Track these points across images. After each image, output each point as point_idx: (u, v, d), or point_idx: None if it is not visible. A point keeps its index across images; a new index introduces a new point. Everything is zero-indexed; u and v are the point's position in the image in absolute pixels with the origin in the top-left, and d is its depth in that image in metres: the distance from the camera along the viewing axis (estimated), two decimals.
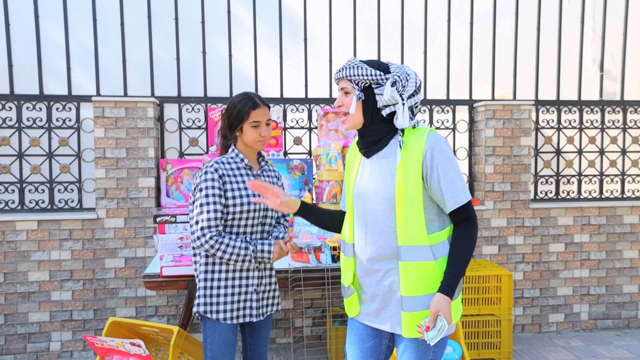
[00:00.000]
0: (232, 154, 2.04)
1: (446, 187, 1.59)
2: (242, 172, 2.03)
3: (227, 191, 1.97)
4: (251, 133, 1.99)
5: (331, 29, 3.87)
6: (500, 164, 3.85)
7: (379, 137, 1.67)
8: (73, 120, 3.60)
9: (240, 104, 1.99)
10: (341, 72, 1.68)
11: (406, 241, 1.59)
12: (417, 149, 1.61)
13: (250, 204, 1.99)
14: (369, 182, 1.68)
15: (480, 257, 3.87)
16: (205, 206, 1.93)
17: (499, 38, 4.07)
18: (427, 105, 3.97)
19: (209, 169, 1.98)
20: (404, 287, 1.60)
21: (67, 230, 3.44)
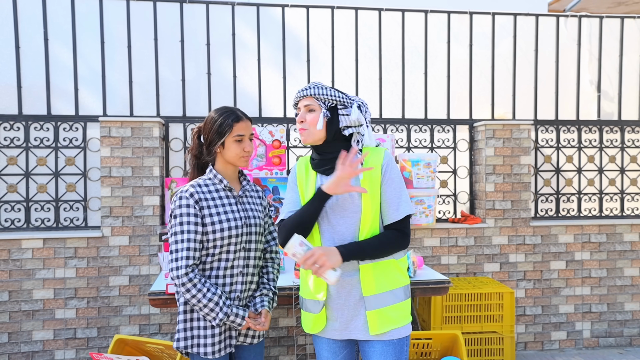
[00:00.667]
0: (210, 174, 1.90)
1: (398, 198, 1.77)
2: (221, 194, 1.88)
3: (205, 217, 1.82)
4: (234, 148, 1.86)
5: (333, 50, 4.00)
6: (500, 182, 3.93)
7: (337, 155, 1.81)
8: (80, 139, 3.70)
9: (221, 117, 1.86)
10: (309, 90, 1.79)
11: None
12: (376, 163, 1.80)
13: (232, 230, 1.84)
14: (332, 200, 1.77)
15: (482, 274, 3.93)
16: (180, 235, 1.78)
17: (497, 59, 4.20)
18: (428, 125, 4.08)
19: (184, 193, 1.83)
20: (365, 287, 1.75)
21: (72, 249, 3.51)
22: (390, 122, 4.05)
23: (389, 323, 1.76)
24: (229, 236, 1.84)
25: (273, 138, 3.74)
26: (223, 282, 1.85)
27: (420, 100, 4.12)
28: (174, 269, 1.77)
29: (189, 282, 1.76)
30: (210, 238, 1.81)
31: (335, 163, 1.80)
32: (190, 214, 1.79)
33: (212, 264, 1.84)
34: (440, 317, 3.43)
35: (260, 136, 3.71)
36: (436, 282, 2.88)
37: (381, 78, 4.07)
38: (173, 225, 1.81)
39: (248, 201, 1.96)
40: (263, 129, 3.72)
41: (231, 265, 1.87)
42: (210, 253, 1.83)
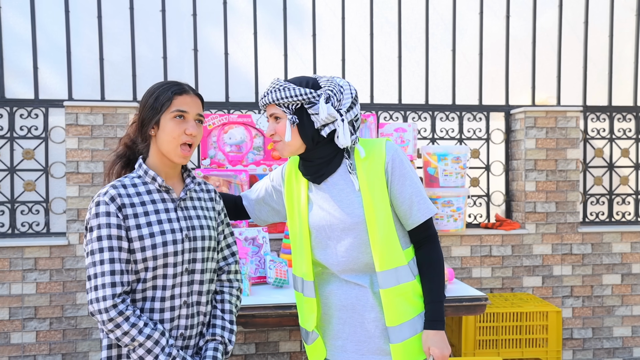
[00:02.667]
0: (140, 170, 1.66)
1: (414, 199, 1.73)
2: (154, 197, 1.64)
3: (131, 229, 1.57)
4: (171, 128, 1.61)
5: (344, 22, 3.93)
6: (543, 180, 3.88)
7: (328, 159, 1.76)
8: (40, 128, 3.62)
9: (159, 89, 1.65)
10: (266, 97, 1.73)
11: (385, 265, 1.71)
12: (377, 162, 1.73)
13: (168, 246, 1.59)
14: (329, 211, 1.75)
15: (520, 290, 3.88)
16: (99, 254, 1.53)
17: (540, 34, 4.14)
18: (456, 112, 4.02)
19: (102, 197, 1.57)
20: (390, 317, 1.71)
21: (32, 259, 3.43)
22: (411, 108, 3.98)
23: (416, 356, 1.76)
24: (165, 255, 1.59)
25: None
26: (161, 318, 1.61)
27: (448, 83, 4.06)
28: (95, 302, 1.51)
29: (119, 316, 1.51)
30: (138, 258, 1.57)
31: (326, 170, 1.75)
32: (111, 225, 1.54)
33: (144, 292, 1.60)
34: (473, 341, 3.38)
35: (257, 125, 3.63)
36: (471, 299, 2.82)
37: (401, 56, 4.00)
38: (89, 241, 1.55)
39: (194, 205, 1.72)
40: (260, 117, 3.64)
41: (171, 295, 1.62)
42: (141, 278, 1.59)
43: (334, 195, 1.76)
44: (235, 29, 3.87)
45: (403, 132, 3.62)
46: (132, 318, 1.53)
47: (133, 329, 1.52)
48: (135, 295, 1.60)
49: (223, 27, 3.83)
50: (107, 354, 1.63)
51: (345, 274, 1.77)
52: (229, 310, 1.78)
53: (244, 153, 3.62)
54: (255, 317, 2.54)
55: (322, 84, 1.74)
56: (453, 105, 4.03)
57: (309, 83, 1.74)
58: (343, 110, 1.72)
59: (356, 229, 1.73)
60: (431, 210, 1.75)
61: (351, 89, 1.75)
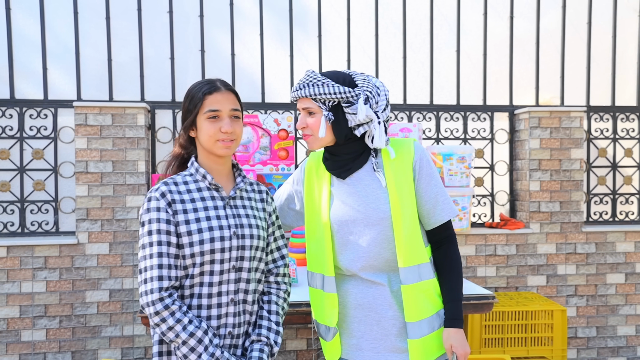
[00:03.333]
0: (191, 168, 1.71)
1: (439, 198, 1.77)
2: (204, 194, 1.68)
3: (180, 225, 1.61)
4: (207, 128, 1.64)
5: (349, 23, 3.96)
6: (547, 180, 3.91)
7: (356, 155, 1.78)
8: (49, 129, 3.66)
9: (192, 91, 1.68)
10: (302, 90, 1.72)
11: (409, 262, 1.73)
12: (406, 159, 1.76)
13: (215, 242, 1.62)
14: (354, 206, 1.76)
15: (525, 289, 3.90)
16: (149, 248, 1.58)
17: (543, 34, 4.16)
18: (460, 112, 4.05)
19: (154, 193, 1.63)
20: (410, 312, 1.73)
21: (42, 258, 3.47)
22: (416, 108, 4.01)
23: (433, 353, 1.78)
24: (212, 251, 1.61)
25: (279, 127, 3.70)
26: (208, 315, 1.63)
27: (452, 83, 4.09)
28: (144, 294, 1.55)
29: (165, 310, 1.54)
30: (186, 253, 1.60)
31: (352, 165, 1.78)
32: (161, 220, 1.59)
33: (192, 289, 1.62)
34: (479, 340, 3.40)
35: (264, 125, 3.67)
36: (478, 298, 2.83)
37: (405, 57, 4.03)
38: (141, 235, 1.62)
39: (243, 204, 1.74)
40: (267, 117, 3.68)
41: (218, 292, 1.64)
42: (189, 274, 1.61)
43: (359, 191, 1.77)
44: (242, 30, 3.91)
45: (408, 132, 3.64)
46: (177, 313, 1.55)
47: (178, 324, 1.54)
48: (184, 292, 1.62)
49: (230, 28, 3.86)
50: (158, 348, 1.65)
51: (364, 272, 1.77)
52: (275, 311, 1.77)
53: (250, 153, 3.66)
54: None
55: (359, 82, 1.74)
56: (457, 106, 4.06)
57: (345, 80, 1.74)
58: (380, 112, 1.74)
59: (380, 225, 1.73)
60: (454, 211, 1.79)
61: (385, 90, 1.77)
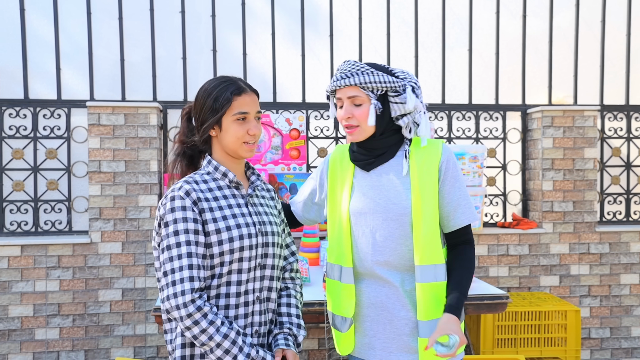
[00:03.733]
0: (209, 167, 1.66)
1: (461, 202, 1.75)
2: (225, 192, 1.65)
3: (207, 223, 1.57)
4: (235, 129, 1.61)
5: (361, 23, 3.96)
6: (560, 179, 3.88)
7: (389, 148, 1.77)
8: (62, 128, 3.68)
9: (218, 89, 1.61)
10: (350, 78, 1.70)
11: (426, 260, 1.71)
12: (432, 159, 1.74)
13: (244, 239, 1.60)
14: (374, 198, 1.75)
15: (537, 289, 3.88)
16: (176, 249, 1.52)
17: (556, 33, 4.14)
18: (472, 112, 4.03)
19: (177, 192, 1.57)
20: (422, 311, 1.71)
21: (55, 257, 3.49)
22: (428, 108, 3.98)
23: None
24: (241, 248, 1.59)
25: (290, 127, 3.71)
26: (235, 314, 1.60)
27: (464, 83, 4.07)
28: (173, 297, 1.48)
29: (197, 312, 1.48)
30: (215, 252, 1.56)
31: (379, 158, 1.76)
32: (188, 219, 1.54)
33: (218, 289, 1.58)
34: (492, 340, 3.38)
35: (275, 125, 3.67)
36: (492, 297, 2.83)
37: (417, 56, 4.02)
38: (165, 236, 1.55)
39: (260, 202, 1.74)
40: (279, 117, 3.68)
41: (245, 290, 1.61)
42: (217, 274, 1.57)
43: (382, 184, 1.76)
44: (254, 30, 3.91)
45: None
46: (210, 315, 1.49)
47: (211, 326, 1.49)
48: (210, 292, 1.58)
49: (241, 28, 3.87)
50: (181, 352, 1.59)
51: (377, 267, 1.75)
52: (295, 305, 1.78)
53: (262, 152, 3.66)
54: None
55: (398, 74, 1.74)
56: (469, 105, 4.04)
57: (385, 70, 1.74)
58: (423, 103, 1.78)
59: (399, 220, 1.72)
60: (474, 217, 1.77)
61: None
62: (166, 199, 1.58)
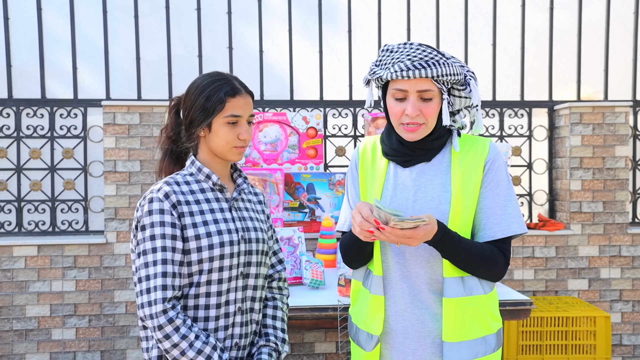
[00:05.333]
0: (192, 168, 1.57)
1: (497, 210, 1.54)
2: (208, 195, 1.56)
3: (187, 228, 1.48)
4: (225, 133, 1.52)
5: (380, 17, 3.86)
6: (589, 179, 3.72)
7: (437, 147, 1.58)
8: (79, 128, 3.67)
9: (210, 88, 1.52)
10: (428, 69, 1.46)
11: (453, 271, 1.53)
12: (478, 158, 1.56)
13: (225, 247, 1.50)
14: (409, 199, 1.56)
15: (565, 293, 3.73)
16: (151, 255, 1.44)
17: (586, 26, 3.97)
18: (496, 108, 3.89)
19: (156, 194, 1.48)
20: (448, 331, 1.52)
21: (71, 257, 3.48)
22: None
23: None
24: (221, 256, 1.49)
25: (307, 125, 3.63)
26: (215, 326, 1.51)
27: (487, 78, 3.93)
28: (145, 306, 1.41)
29: (169, 325, 1.40)
30: (193, 259, 1.47)
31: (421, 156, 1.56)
32: (165, 223, 1.45)
33: (196, 299, 1.49)
34: (516, 346, 3.27)
35: (292, 123, 3.60)
36: (514, 303, 2.71)
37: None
38: (141, 240, 1.47)
39: (246, 207, 1.63)
40: (296, 115, 3.61)
41: (225, 301, 1.52)
42: (194, 282, 1.48)
43: (420, 184, 1.56)
44: (270, 27, 3.84)
45: None
46: (182, 328, 1.42)
47: (183, 341, 1.41)
48: (188, 302, 1.49)
49: (258, 24, 3.81)
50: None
51: (406, 279, 1.57)
52: (281, 318, 1.69)
53: (279, 151, 3.59)
54: (291, 319, 2.49)
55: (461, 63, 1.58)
56: (493, 101, 3.91)
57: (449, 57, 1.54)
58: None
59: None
60: (511, 229, 1.54)
61: None
62: (144, 200, 1.50)
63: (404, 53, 1.49)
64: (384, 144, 1.63)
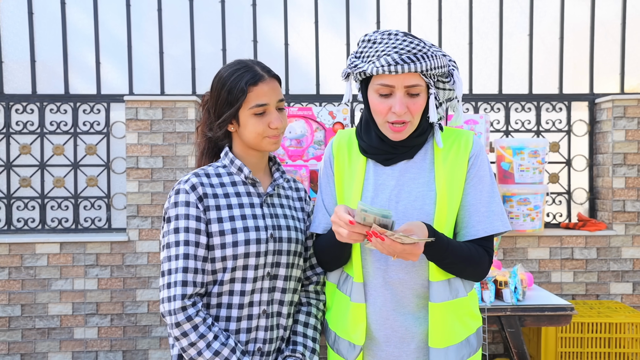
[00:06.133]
0: (225, 160, 1.48)
1: (480, 207, 1.44)
2: (238, 189, 1.46)
3: (211, 223, 1.40)
4: (253, 125, 1.42)
5: (410, 8, 3.71)
6: (634, 176, 3.50)
7: (419, 143, 1.47)
8: (102, 124, 3.61)
9: (231, 79, 1.42)
10: (417, 63, 1.34)
11: (441, 274, 1.43)
12: (462, 152, 1.46)
13: (250, 245, 1.40)
14: (391, 200, 1.44)
15: (607, 297, 3.52)
16: (174, 248, 1.37)
17: (630, 14, 3.75)
18: (533, 102, 3.70)
19: (183, 185, 1.41)
20: (435, 337, 1.43)
21: (94, 255, 3.42)
22: (483, 98, 3.70)
23: None
24: (246, 254, 1.40)
25: (334, 120, 3.49)
26: (237, 328, 1.42)
27: (524, 71, 3.75)
28: (165, 301, 1.35)
29: (187, 322, 1.33)
30: (217, 256, 1.39)
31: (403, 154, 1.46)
32: (190, 217, 1.38)
33: (219, 297, 1.41)
34: (554, 353, 3.09)
35: (318, 118, 3.47)
36: (554, 308, 2.56)
37: (472, 43, 3.73)
38: (166, 232, 1.41)
39: (281, 203, 1.52)
40: (322, 110, 3.47)
41: (249, 302, 1.42)
42: (218, 280, 1.40)
43: (402, 184, 1.45)
44: (295, 19, 3.73)
45: (474, 125, 3.34)
46: (201, 327, 1.34)
47: (201, 340, 1.34)
48: (210, 300, 1.41)
49: (283, 17, 3.70)
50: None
51: (389, 286, 1.46)
52: (313, 326, 1.55)
53: (304, 147, 3.47)
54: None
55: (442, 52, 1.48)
56: (530, 95, 3.71)
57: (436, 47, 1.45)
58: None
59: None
60: (494, 227, 1.44)
61: None
62: (172, 191, 1.44)
63: (389, 45, 1.36)
64: (361, 140, 1.50)
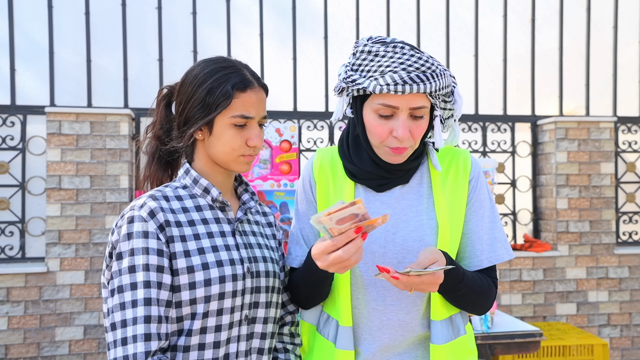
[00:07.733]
0: (186, 179, 1.22)
1: (482, 234, 1.30)
2: (205, 215, 1.20)
3: (177, 258, 1.12)
4: (230, 138, 1.18)
5: (358, 25, 3.61)
6: (575, 197, 3.55)
7: (415, 166, 1.30)
8: (17, 138, 3.18)
9: (213, 78, 1.17)
10: (427, 83, 1.17)
11: (445, 312, 1.27)
12: (461, 175, 1.30)
13: (226, 282, 1.15)
14: (388, 232, 1.26)
15: (553, 318, 3.51)
16: (131, 293, 1.08)
17: (567, 39, 3.86)
18: (479, 123, 3.68)
19: (138, 212, 1.12)
20: None
21: (4, 289, 2.97)
22: None
23: None
24: (221, 295, 1.14)
25: (281, 138, 3.28)
26: None
27: (470, 91, 3.73)
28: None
29: None
30: (184, 299, 1.12)
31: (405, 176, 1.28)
32: (150, 250, 1.10)
33: (186, 353, 1.13)
34: None
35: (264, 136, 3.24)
36: (523, 335, 2.46)
37: None
38: (116, 273, 1.10)
39: (252, 230, 1.27)
40: (268, 127, 3.26)
41: (224, 354, 1.16)
42: (185, 329, 1.13)
43: (399, 212, 1.26)
44: (239, 31, 3.52)
45: None
46: None
47: None
48: (176, 356, 1.12)
49: (226, 27, 3.47)
50: None
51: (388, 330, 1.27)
52: None
53: None
54: None
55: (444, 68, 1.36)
56: (475, 115, 3.70)
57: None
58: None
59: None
60: (499, 256, 1.31)
61: None
62: (122, 220, 1.13)
63: (395, 59, 1.17)
64: (349, 162, 1.30)
